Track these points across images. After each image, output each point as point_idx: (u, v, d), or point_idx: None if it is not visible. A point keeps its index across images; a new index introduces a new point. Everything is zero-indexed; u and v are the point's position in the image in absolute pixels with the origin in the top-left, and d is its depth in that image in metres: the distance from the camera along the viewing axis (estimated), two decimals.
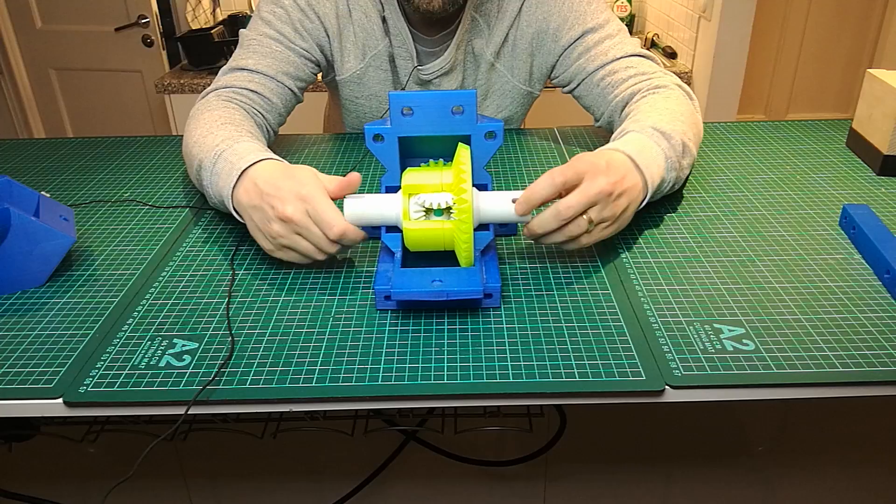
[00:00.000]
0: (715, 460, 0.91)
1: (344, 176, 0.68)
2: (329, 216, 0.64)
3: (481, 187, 0.71)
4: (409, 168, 0.69)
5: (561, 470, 0.92)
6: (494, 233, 0.71)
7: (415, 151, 0.73)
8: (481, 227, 0.69)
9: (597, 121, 1.00)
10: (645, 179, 0.71)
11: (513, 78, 1.04)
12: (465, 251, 0.64)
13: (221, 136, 0.78)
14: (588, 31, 0.97)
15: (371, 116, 1.08)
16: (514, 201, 0.66)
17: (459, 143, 0.66)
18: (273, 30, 0.95)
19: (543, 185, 0.65)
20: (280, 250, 0.68)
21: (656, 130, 0.77)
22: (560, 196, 0.66)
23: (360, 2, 0.98)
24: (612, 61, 0.95)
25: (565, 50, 0.99)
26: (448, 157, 0.72)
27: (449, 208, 0.65)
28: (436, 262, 0.68)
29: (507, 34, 1.01)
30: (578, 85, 0.99)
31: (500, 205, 0.67)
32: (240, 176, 0.71)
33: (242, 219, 0.72)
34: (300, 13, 0.96)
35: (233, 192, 0.72)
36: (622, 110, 0.92)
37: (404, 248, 0.68)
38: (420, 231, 0.66)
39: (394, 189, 0.70)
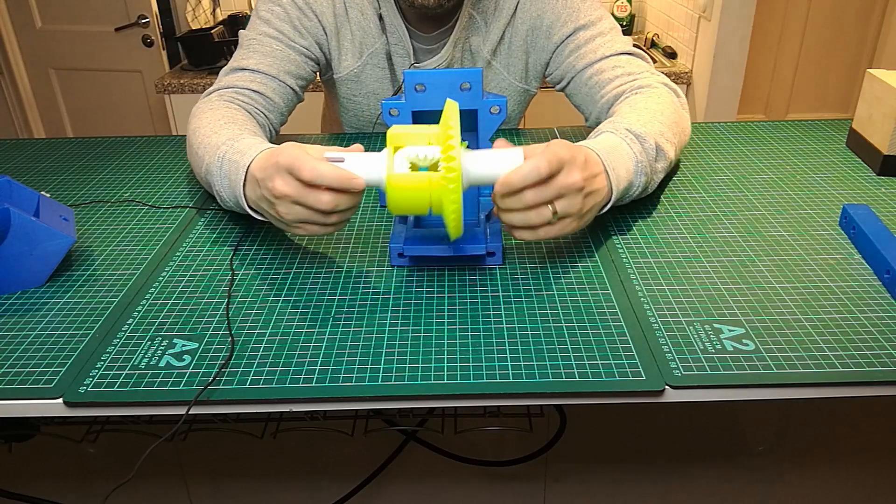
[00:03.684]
0: (715, 460, 0.91)
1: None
2: (300, 162, 0.62)
3: None
4: (394, 125, 0.67)
5: (561, 470, 0.92)
6: None
7: (426, 125, 0.74)
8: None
9: (587, 120, 0.99)
10: (611, 182, 0.70)
11: (509, 76, 1.04)
12: (452, 215, 0.60)
13: (225, 136, 0.78)
14: (580, 28, 0.96)
15: (369, 114, 1.08)
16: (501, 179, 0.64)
17: (447, 100, 0.64)
18: (272, 28, 0.95)
19: (529, 174, 0.62)
20: (297, 227, 0.67)
21: (630, 132, 0.75)
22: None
23: (357, 0, 0.98)
24: (601, 59, 0.94)
25: (557, 47, 0.99)
26: None
27: (437, 164, 0.62)
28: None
29: (504, 32, 1.01)
30: (569, 83, 0.99)
31: (490, 164, 0.64)
32: (245, 174, 0.71)
33: (263, 216, 0.73)
34: (298, 11, 0.96)
35: (244, 192, 0.72)
36: (608, 111, 0.91)
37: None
38: (404, 186, 0.61)
39: None
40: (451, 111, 0.62)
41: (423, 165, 0.63)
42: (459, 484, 0.94)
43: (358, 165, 0.64)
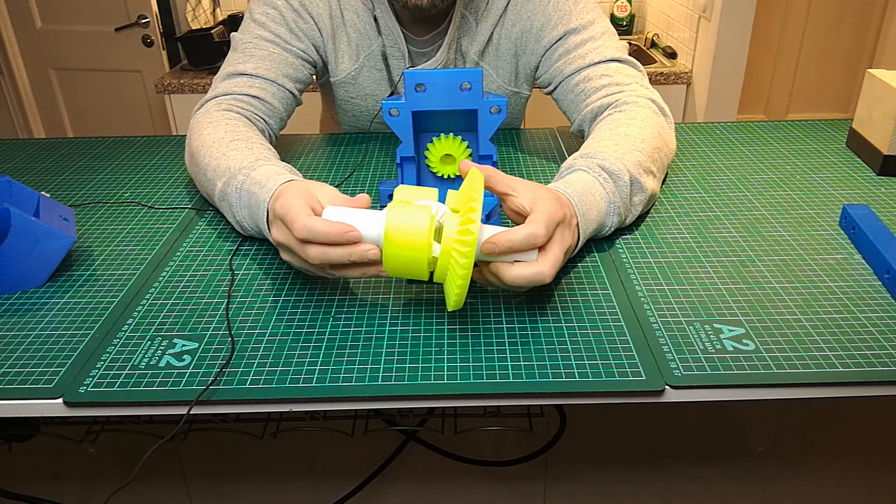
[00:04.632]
0: (715, 460, 0.91)
1: (344, 185, 0.67)
2: (292, 215, 0.60)
3: (486, 158, 0.73)
4: (401, 185, 0.65)
5: (561, 470, 0.92)
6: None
7: (427, 125, 0.75)
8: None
9: (571, 125, 0.97)
10: (579, 230, 0.67)
11: (497, 78, 1.03)
12: (458, 290, 0.56)
13: (237, 161, 0.76)
14: (570, 31, 0.94)
15: (367, 115, 1.08)
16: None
17: (472, 169, 0.61)
18: (268, 31, 0.94)
19: (524, 241, 0.58)
20: (307, 271, 0.66)
21: (603, 169, 0.72)
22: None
23: (352, 2, 0.97)
24: (589, 66, 0.92)
25: (547, 50, 0.96)
26: (457, 130, 0.74)
27: (441, 228, 0.59)
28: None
29: (492, 33, 0.99)
30: (556, 88, 0.97)
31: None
32: (267, 213, 0.69)
33: None
34: (294, 13, 0.95)
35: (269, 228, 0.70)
36: (590, 124, 0.90)
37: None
38: (404, 244, 0.56)
39: (409, 159, 0.73)
40: (476, 181, 0.58)
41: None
42: (459, 484, 0.94)
43: (357, 220, 0.60)
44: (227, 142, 0.80)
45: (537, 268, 0.59)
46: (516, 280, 0.59)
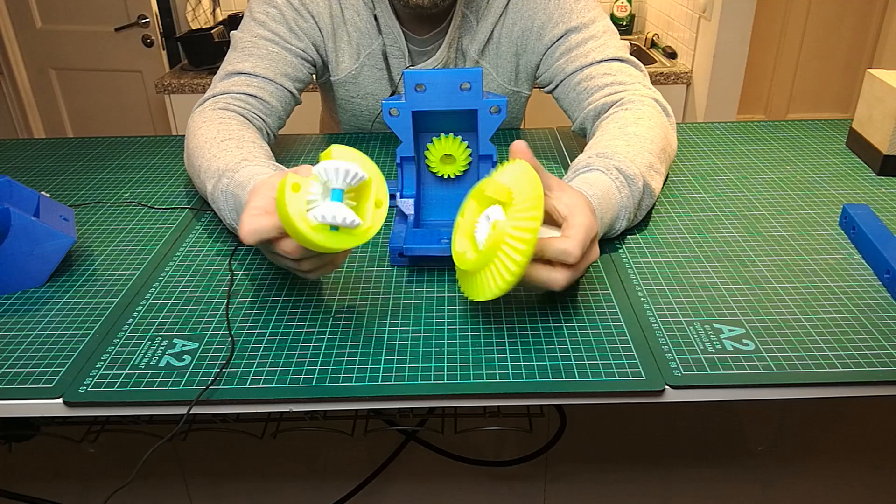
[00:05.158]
0: (715, 460, 0.91)
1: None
2: (241, 221, 0.58)
3: (486, 158, 0.74)
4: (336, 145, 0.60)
5: (561, 470, 0.92)
6: None
7: (427, 125, 0.75)
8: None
9: (572, 124, 0.97)
10: None
11: (497, 77, 1.03)
12: (502, 284, 0.55)
13: (224, 161, 0.75)
14: (571, 30, 0.94)
15: (367, 115, 1.08)
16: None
17: (525, 164, 0.58)
18: (267, 30, 0.94)
19: (556, 256, 0.58)
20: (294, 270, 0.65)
21: (620, 172, 0.72)
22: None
23: (352, 0, 0.97)
24: (591, 65, 0.92)
25: (548, 49, 0.96)
26: (457, 130, 0.74)
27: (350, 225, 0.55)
28: (445, 223, 0.75)
29: (493, 32, 0.99)
30: (557, 86, 0.97)
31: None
32: None
33: None
34: (294, 12, 0.95)
35: None
36: (594, 122, 0.90)
37: (416, 211, 0.74)
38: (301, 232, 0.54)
39: (409, 159, 0.75)
40: (532, 178, 0.55)
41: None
42: (459, 484, 0.94)
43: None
44: (219, 142, 0.79)
45: (553, 275, 0.58)
46: (529, 278, 0.59)
